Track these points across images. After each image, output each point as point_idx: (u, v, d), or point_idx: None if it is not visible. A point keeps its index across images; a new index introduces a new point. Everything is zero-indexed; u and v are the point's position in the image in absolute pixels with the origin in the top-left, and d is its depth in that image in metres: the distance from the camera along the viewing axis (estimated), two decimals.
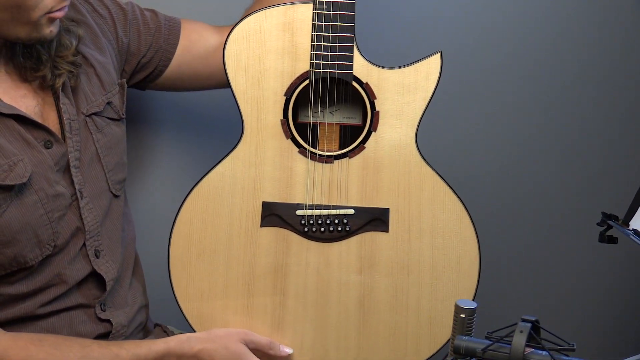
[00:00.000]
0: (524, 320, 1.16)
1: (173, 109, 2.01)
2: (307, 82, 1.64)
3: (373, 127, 1.67)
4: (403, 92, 1.66)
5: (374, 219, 1.68)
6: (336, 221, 1.67)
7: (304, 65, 1.64)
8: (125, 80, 1.71)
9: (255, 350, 1.65)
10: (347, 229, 1.67)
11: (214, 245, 1.67)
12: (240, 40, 1.64)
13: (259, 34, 1.64)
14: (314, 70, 1.63)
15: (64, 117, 1.56)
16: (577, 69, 2.13)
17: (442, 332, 1.69)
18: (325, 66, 1.63)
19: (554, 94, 2.14)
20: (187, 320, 1.69)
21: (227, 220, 1.67)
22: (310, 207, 1.67)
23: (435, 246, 1.69)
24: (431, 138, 2.10)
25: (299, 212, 1.67)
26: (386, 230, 1.68)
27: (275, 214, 1.67)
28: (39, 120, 1.54)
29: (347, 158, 1.67)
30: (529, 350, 1.14)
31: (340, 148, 1.70)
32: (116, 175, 1.66)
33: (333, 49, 1.63)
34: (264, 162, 1.66)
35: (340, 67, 1.63)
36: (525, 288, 2.22)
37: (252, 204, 1.67)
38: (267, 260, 1.68)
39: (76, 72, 1.58)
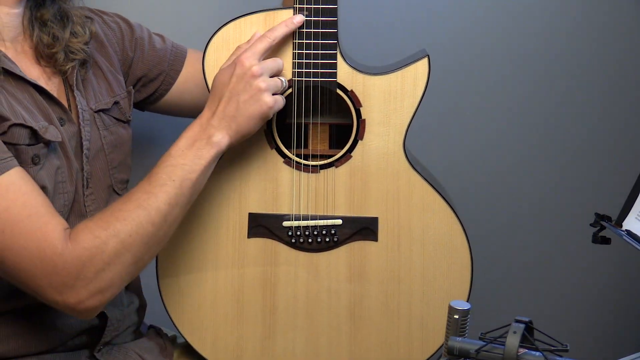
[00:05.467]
0: (517, 321, 1.16)
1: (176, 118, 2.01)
2: (290, 91, 1.60)
3: (359, 136, 1.62)
4: (390, 99, 1.61)
5: (363, 228, 1.64)
6: (324, 232, 1.64)
7: (286, 74, 1.59)
8: (132, 87, 1.73)
9: None
10: (335, 239, 1.64)
11: (202, 255, 1.66)
12: (219, 48, 1.60)
13: (238, 41, 1.59)
14: (296, 79, 1.59)
15: (77, 105, 1.58)
16: (571, 71, 2.11)
17: (434, 338, 1.67)
18: (308, 74, 1.58)
19: (548, 96, 2.12)
20: (178, 331, 1.69)
21: (214, 232, 1.65)
22: (297, 218, 1.64)
23: (426, 254, 1.65)
24: (426, 139, 2.09)
25: (285, 224, 1.64)
26: (375, 239, 1.65)
27: (262, 225, 1.65)
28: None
29: (334, 167, 1.63)
30: (522, 351, 1.14)
31: (331, 148, 1.66)
32: (120, 174, 1.67)
33: (316, 56, 1.58)
34: (249, 172, 1.63)
35: (323, 75, 1.59)
36: (519, 289, 2.21)
37: (239, 215, 1.65)
38: (255, 270, 1.66)
39: (87, 62, 1.61)
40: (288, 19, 1.56)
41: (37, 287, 1.44)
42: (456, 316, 1.25)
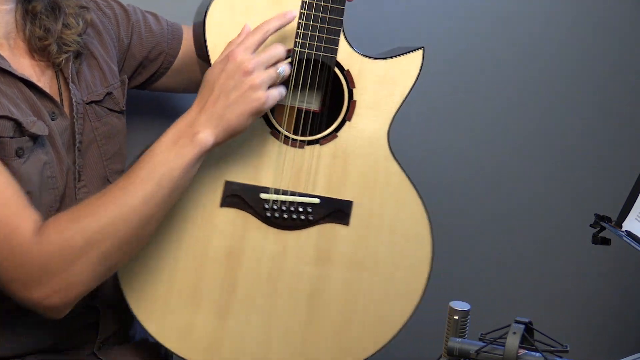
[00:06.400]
0: (517, 322, 1.17)
1: (171, 105, 1.94)
2: (288, 60, 1.56)
3: (348, 117, 1.61)
4: (382, 85, 1.61)
5: (337, 211, 1.62)
6: (300, 209, 1.60)
7: (288, 44, 1.55)
8: (126, 76, 1.69)
9: None
10: (310, 218, 1.61)
11: (167, 221, 1.55)
12: (224, 10, 1.53)
13: (245, 4, 1.54)
14: (298, 49, 1.55)
15: (72, 98, 1.53)
16: (571, 71, 2.14)
17: (388, 330, 1.67)
18: (310, 47, 1.56)
19: (547, 96, 2.14)
20: (127, 303, 1.57)
21: (184, 195, 1.56)
22: (277, 192, 1.59)
23: (392, 245, 1.65)
24: (425, 139, 2.06)
25: (263, 196, 1.59)
26: (346, 223, 1.63)
27: (238, 195, 1.58)
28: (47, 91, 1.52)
29: (319, 145, 1.60)
30: (522, 351, 1.15)
31: (294, 133, 1.63)
32: (114, 165, 1.61)
33: (321, 30, 1.55)
34: (233, 139, 1.57)
35: (325, 50, 1.56)
36: (519, 290, 2.21)
37: (214, 181, 1.57)
38: (221, 242, 1.58)
39: (81, 54, 1.58)
40: (282, 13, 1.53)
41: (4, 281, 1.38)
42: (456, 317, 1.25)
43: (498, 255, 2.19)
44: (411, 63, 1.63)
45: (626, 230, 1.49)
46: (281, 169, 1.59)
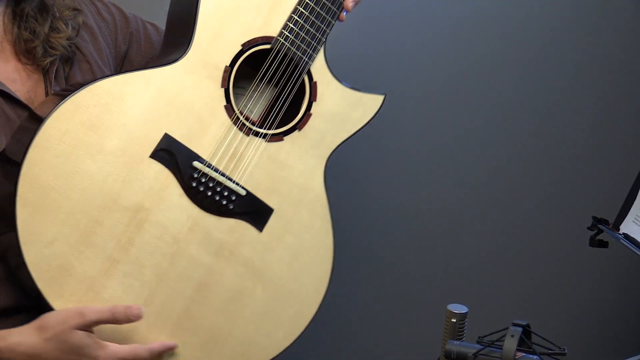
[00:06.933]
0: (515, 325, 1.17)
1: None
2: (266, 47, 1.53)
3: (300, 126, 1.57)
4: (337, 113, 1.60)
5: (256, 212, 1.54)
6: (225, 193, 1.51)
7: (274, 29, 1.53)
8: None
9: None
10: (230, 207, 1.51)
11: (88, 149, 1.42)
12: None
13: None
14: (282, 40, 1.53)
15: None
16: (568, 73, 2.15)
17: (257, 353, 1.56)
18: (292, 43, 1.54)
19: (544, 99, 2.14)
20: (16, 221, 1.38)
21: (119, 130, 1.43)
22: (210, 166, 1.49)
23: (290, 272, 1.58)
24: (423, 141, 2.02)
25: (196, 164, 1.48)
26: (260, 229, 1.55)
27: (171, 153, 1.47)
28: (24, 100, 1.49)
29: (264, 141, 1.54)
30: (520, 354, 1.15)
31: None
32: None
33: (307, 32, 1.55)
34: (190, 96, 1.48)
35: (304, 52, 1.55)
36: (517, 292, 2.17)
37: (155, 128, 1.46)
38: (135, 194, 1.45)
39: (71, 59, 1.56)
40: (130, 313, 1.42)
41: None
42: (454, 320, 1.26)
43: (496, 258, 2.16)
44: (369, 105, 1.63)
45: (623, 233, 1.48)
46: (222, 147, 1.51)
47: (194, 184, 1.49)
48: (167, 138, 1.47)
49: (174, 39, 1.55)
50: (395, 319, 2.16)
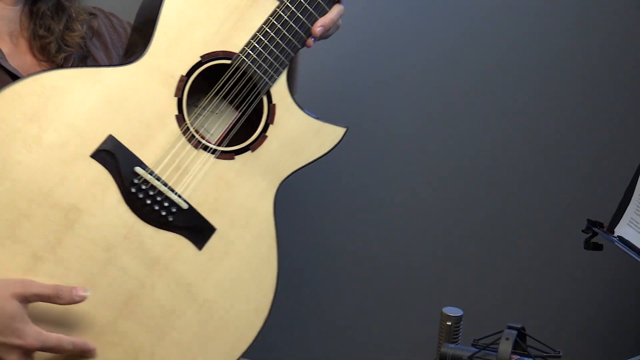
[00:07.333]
0: (510, 328, 1.18)
1: None
2: (226, 62, 1.49)
3: (253, 147, 1.52)
4: (294, 139, 1.55)
5: (197, 228, 1.48)
6: (165, 204, 1.45)
7: (236, 44, 1.50)
8: None
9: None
10: (170, 219, 1.45)
11: (24, 139, 1.37)
12: None
13: None
14: (244, 56, 1.49)
15: None
16: (565, 75, 2.14)
17: None
18: (253, 61, 1.50)
19: (540, 101, 2.13)
20: None
21: (60, 125, 1.39)
22: (152, 174, 1.44)
23: (225, 299, 1.50)
24: (419, 144, 2.01)
25: (137, 170, 1.43)
26: (200, 247, 1.48)
27: (113, 155, 1.42)
28: None
29: (214, 157, 1.49)
30: (515, 357, 1.16)
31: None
32: None
33: (271, 52, 1.51)
34: (141, 100, 1.44)
35: (265, 73, 1.51)
36: (512, 296, 2.16)
37: (99, 128, 1.41)
38: (69, 193, 1.39)
39: (85, 59, 1.61)
40: (75, 294, 1.37)
41: None
42: (449, 323, 1.27)
43: (491, 261, 2.14)
44: (328, 136, 1.58)
45: (618, 236, 1.47)
46: (168, 156, 1.46)
47: (134, 190, 1.43)
48: (111, 139, 1.42)
49: (138, 37, 1.52)
50: (391, 322, 2.15)
